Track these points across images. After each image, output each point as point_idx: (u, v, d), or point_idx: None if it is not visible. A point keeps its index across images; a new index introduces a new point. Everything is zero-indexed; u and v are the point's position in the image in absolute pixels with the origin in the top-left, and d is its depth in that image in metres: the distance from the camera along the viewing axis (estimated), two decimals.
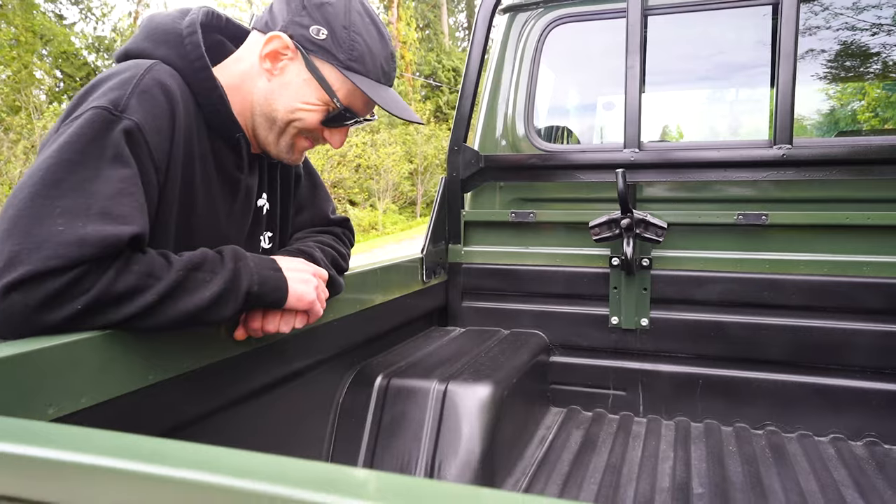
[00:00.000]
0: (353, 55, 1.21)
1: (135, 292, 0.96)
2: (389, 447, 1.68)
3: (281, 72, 1.21)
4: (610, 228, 2.13)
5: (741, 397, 2.12)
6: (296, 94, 1.22)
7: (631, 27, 2.13)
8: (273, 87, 1.22)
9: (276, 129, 1.25)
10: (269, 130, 1.26)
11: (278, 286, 1.16)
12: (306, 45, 1.20)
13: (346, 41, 1.20)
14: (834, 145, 2.07)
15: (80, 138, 0.98)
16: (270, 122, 1.25)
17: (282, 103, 1.23)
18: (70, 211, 0.93)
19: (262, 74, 1.22)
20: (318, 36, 1.19)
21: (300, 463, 0.50)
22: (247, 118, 1.26)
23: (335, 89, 1.22)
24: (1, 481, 0.54)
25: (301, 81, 1.22)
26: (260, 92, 1.23)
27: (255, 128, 1.27)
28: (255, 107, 1.24)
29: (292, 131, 1.26)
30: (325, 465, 0.50)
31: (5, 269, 0.88)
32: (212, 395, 1.26)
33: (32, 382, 0.87)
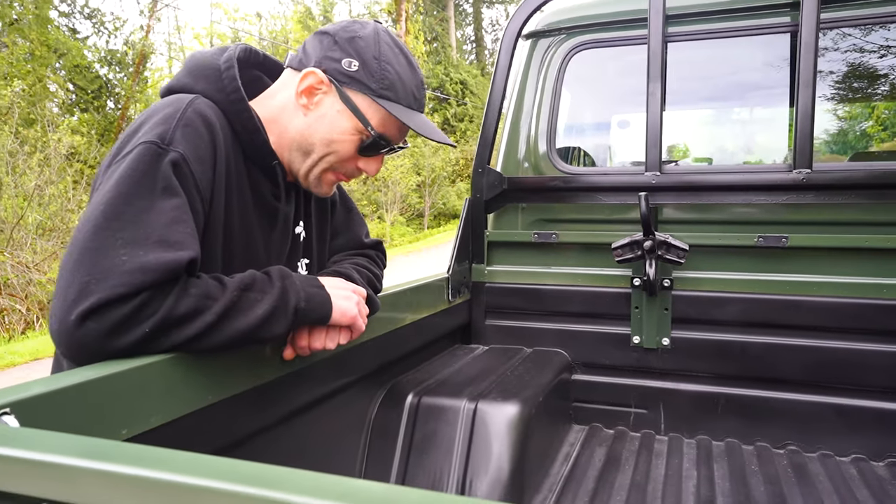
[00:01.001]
0: (385, 84, 1.26)
1: (195, 314, 1.02)
2: (421, 464, 1.73)
3: (316, 106, 1.27)
4: (632, 250, 2.18)
5: (762, 416, 2.16)
6: (331, 126, 1.28)
7: (652, 54, 2.18)
8: (309, 122, 1.28)
9: (311, 161, 1.31)
10: (303, 163, 1.31)
11: (323, 302, 1.22)
12: (339, 78, 1.26)
13: (377, 71, 1.26)
14: (853, 169, 2.11)
15: (134, 172, 1.04)
16: (306, 155, 1.30)
17: (318, 136, 1.28)
18: (131, 241, 0.99)
19: (298, 110, 1.28)
20: (350, 68, 1.25)
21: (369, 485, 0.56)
22: (283, 150, 1.32)
23: (368, 117, 1.27)
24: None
25: (335, 113, 1.27)
26: (297, 127, 1.29)
27: (290, 161, 1.32)
28: (292, 141, 1.30)
29: (325, 165, 1.31)
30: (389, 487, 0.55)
31: (78, 300, 0.94)
32: (259, 415, 1.32)
33: (108, 405, 0.93)
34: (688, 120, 3.06)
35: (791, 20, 2.17)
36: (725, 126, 3.01)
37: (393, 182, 20.43)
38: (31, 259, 10.62)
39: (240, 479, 0.56)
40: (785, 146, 2.64)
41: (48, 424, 0.83)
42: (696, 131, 3.14)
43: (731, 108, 2.91)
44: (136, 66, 22.49)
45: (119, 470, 0.60)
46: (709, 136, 3.12)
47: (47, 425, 0.83)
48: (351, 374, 1.67)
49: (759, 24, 2.22)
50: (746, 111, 2.91)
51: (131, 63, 22.64)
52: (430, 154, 23.10)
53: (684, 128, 3.06)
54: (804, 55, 2.02)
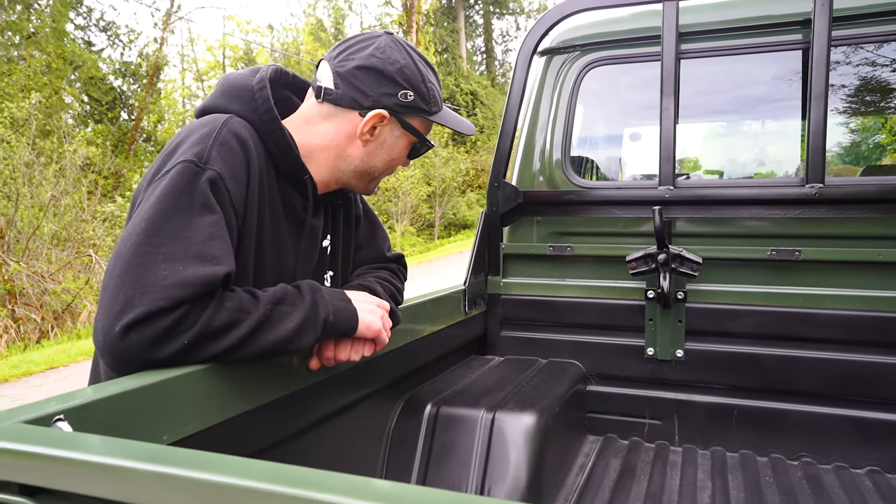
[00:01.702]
0: (432, 100, 1.39)
1: (230, 326, 1.07)
2: (440, 473, 1.76)
3: (376, 137, 1.37)
4: (646, 263, 2.21)
5: (776, 428, 2.18)
6: (391, 150, 1.41)
7: (666, 70, 2.23)
8: (370, 151, 1.39)
9: (371, 177, 1.44)
10: (364, 180, 1.44)
11: (350, 316, 1.27)
12: (398, 110, 1.35)
13: (427, 93, 1.37)
14: (865, 184, 2.14)
15: (173, 190, 1.10)
16: (368, 175, 1.43)
17: (380, 160, 1.41)
18: (171, 256, 1.04)
19: (356, 141, 1.37)
20: (407, 99, 1.35)
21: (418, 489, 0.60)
22: (329, 171, 1.40)
23: (423, 132, 1.42)
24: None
25: (395, 139, 1.40)
26: (357, 156, 1.39)
27: (342, 180, 1.42)
28: (348, 166, 1.39)
29: (384, 176, 1.47)
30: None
31: (122, 313, 0.99)
32: (285, 424, 1.36)
33: (150, 412, 0.97)
34: (699, 133, 3.09)
35: (802, 37, 2.21)
36: (736, 139, 3.04)
37: (403, 192, 20.54)
38: (46, 269, 10.75)
39: (284, 481, 0.60)
40: (794, 158, 2.67)
41: (96, 430, 0.87)
42: (707, 145, 3.18)
43: (741, 123, 2.94)
44: (150, 78, 22.78)
45: (172, 472, 0.64)
46: (719, 150, 3.15)
47: (96, 431, 0.88)
48: (372, 384, 1.71)
49: (770, 41, 2.26)
50: (757, 125, 2.94)
51: (145, 75, 22.94)
52: (440, 164, 23.20)
53: (696, 141, 3.09)
54: (816, 71, 2.06)
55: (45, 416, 0.81)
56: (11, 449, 0.71)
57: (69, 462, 0.68)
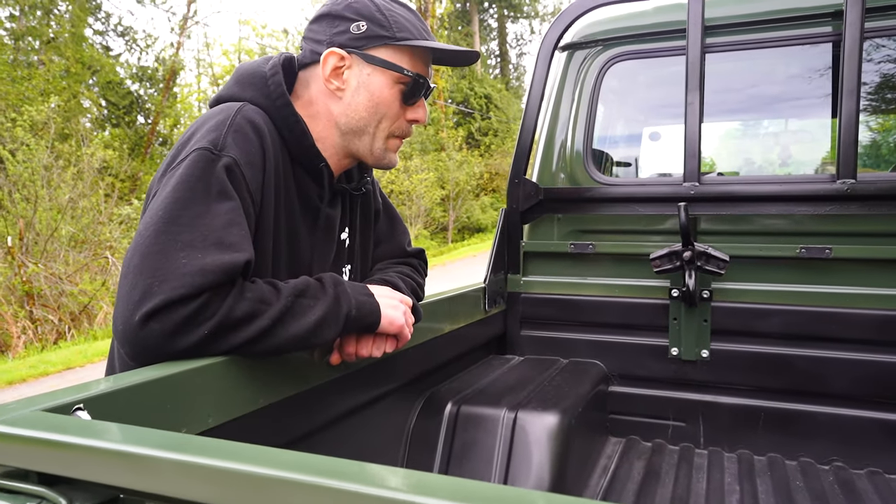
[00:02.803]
0: (398, 26, 1.28)
1: (251, 317, 1.04)
2: (461, 472, 1.72)
3: (346, 83, 1.29)
4: (671, 260, 2.16)
5: (806, 431, 2.12)
6: (369, 92, 1.29)
7: (691, 65, 2.18)
8: (347, 101, 1.30)
9: (369, 136, 1.32)
10: (362, 141, 1.33)
11: (373, 311, 1.23)
12: (355, 45, 1.27)
13: (385, 20, 1.28)
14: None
15: (189, 178, 1.07)
16: (361, 133, 1.32)
17: (362, 108, 1.30)
18: (189, 244, 1.01)
19: (332, 96, 1.30)
20: (360, 30, 1.27)
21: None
22: (333, 145, 1.34)
23: (399, 64, 1.29)
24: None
25: (367, 77, 1.28)
26: (338, 112, 1.31)
27: (347, 148, 1.34)
28: (340, 129, 1.32)
29: (383, 133, 1.33)
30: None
31: (142, 301, 0.96)
32: (305, 419, 1.33)
33: (169, 404, 0.94)
34: (722, 132, 3.03)
35: (833, 30, 2.16)
36: (759, 138, 2.98)
37: (417, 196, 20.54)
38: (64, 270, 10.84)
39: (308, 471, 0.57)
40: (821, 157, 2.61)
41: (115, 420, 0.85)
42: (730, 144, 3.12)
43: (767, 119, 2.88)
44: (166, 82, 22.99)
45: (193, 460, 0.61)
46: (742, 149, 3.09)
47: (114, 421, 0.85)
48: (392, 381, 1.68)
49: (799, 34, 2.20)
50: (782, 122, 2.88)
51: (161, 79, 23.15)
52: (454, 168, 23.19)
53: (719, 140, 3.03)
54: (848, 64, 2.00)
55: (65, 405, 0.79)
56: (30, 437, 0.68)
57: (89, 450, 0.66)
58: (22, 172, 11.05)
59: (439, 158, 23.86)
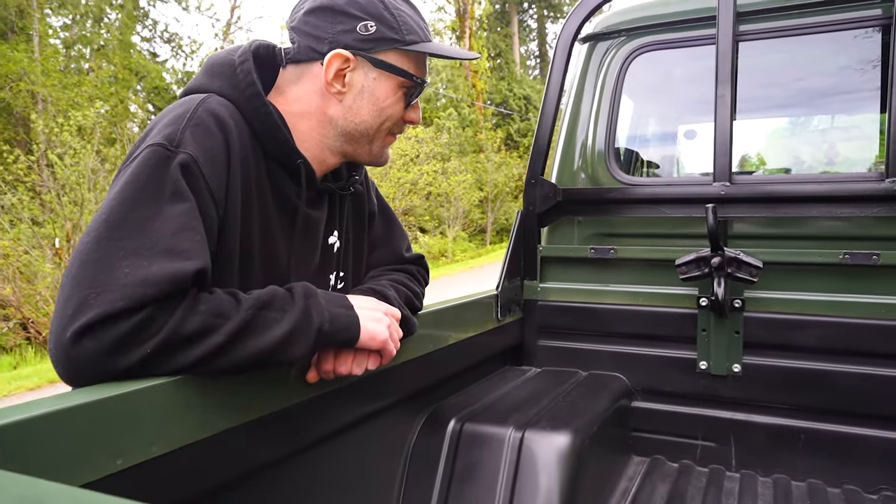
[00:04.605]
0: (406, 28, 1.19)
1: (204, 333, 0.93)
2: (462, 497, 1.59)
3: (349, 86, 1.19)
4: (699, 267, 1.99)
5: (851, 456, 1.92)
6: (374, 96, 1.21)
7: (721, 54, 2.01)
8: (349, 104, 1.21)
9: (368, 137, 1.25)
10: (361, 143, 1.26)
11: (350, 324, 1.11)
12: (363, 47, 1.17)
13: (394, 20, 1.18)
14: None
15: (139, 177, 0.97)
16: (362, 136, 1.24)
17: (366, 112, 1.22)
18: (134, 251, 0.91)
19: (329, 98, 1.20)
20: (369, 31, 1.17)
21: None
22: (321, 144, 1.24)
23: (406, 69, 1.21)
24: None
25: (372, 82, 1.20)
26: (336, 115, 1.22)
27: (341, 149, 1.26)
28: (337, 131, 1.23)
29: (384, 133, 1.26)
30: None
31: (76, 315, 0.86)
32: (284, 441, 1.22)
33: (100, 433, 0.84)
34: (757, 130, 2.83)
35: (883, 12, 1.95)
36: (803, 135, 2.77)
37: (455, 197, 20.45)
38: None
39: None
40: (870, 157, 2.39)
41: (29, 455, 0.75)
42: (770, 141, 2.91)
43: (810, 115, 2.67)
44: None
45: None
46: (784, 146, 2.88)
47: (25, 457, 0.75)
48: (388, 396, 1.56)
49: (843, 18, 2.01)
50: (827, 117, 2.67)
51: None
52: (493, 170, 23.06)
53: (754, 138, 2.83)
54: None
55: None
56: None
57: None
58: (69, 176, 11.36)
59: (478, 160, 23.74)
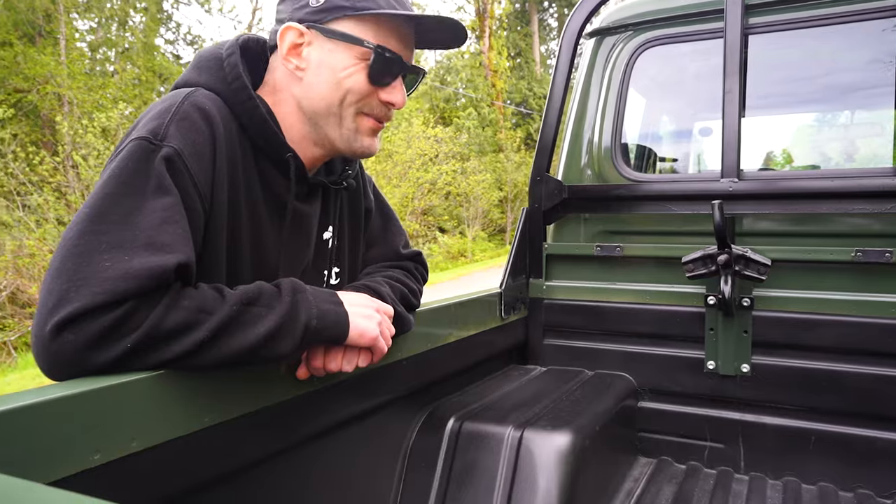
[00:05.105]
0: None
1: (186, 329, 0.92)
2: (459, 498, 1.58)
3: (307, 61, 1.17)
4: (705, 265, 1.95)
5: (864, 459, 1.87)
6: (331, 69, 1.16)
7: (729, 48, 1.97)
8: (308, 80, 1.18)
9: (335, 116, 1.19)
10: (329, 124, 1.20)
11: (338, 321, 1.10)
12: (314, 18, 1.16)
13: None
14: None
15: (123, 171, 0.97)
16: (327, 115, 1.19)
17: (324, 86, 1.17)
18: (116, 245, 0.91)
19: (293, 77, 1.19)
20: (318, 3, 1.15)
21: None
22: (300, 133, 1.22)
23: (362, 36, 1.15)
24: None
25: (328, 53, 1.16)
26: (300, 94, 1.19)
27: (315, 135, 1.22)
28: (305, 113, 1.20)
29: (352, 110, 1.19)
30: None
31: (55, 308, 0.86)
32: (274, 437, 1.22)
33: (77, 427, 0.84)
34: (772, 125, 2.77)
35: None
36: (822, 132, 2.70)
37: (475, 197, 20.40)
38: None
39: None
40: (886, 153, 2.33)
41: (7, 447, 0.75)
42: (782, 137, 2.85)
43: (822, 110, 2.61)
44: None
45: None
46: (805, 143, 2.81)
47: (6, 448, 0.75)
48: (385, 394, 1.55)
49: (855, 9, 1.95)
50: (840, 113, 2.60)
51: None
52: (512, 169, 22.96)
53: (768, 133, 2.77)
54: None
55: None
56: None
57: None
58: (93, 177, 11.55)
59: (497, 160, 23.66)
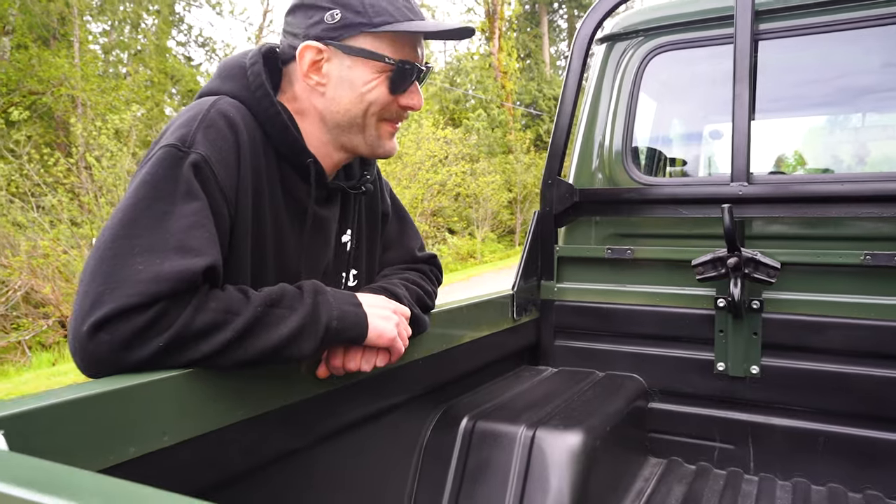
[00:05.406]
0: (374, 11, 1.18)
1: (213, 329, 0.97)
2: (473, 495, 1.61)
3: (327, 76, 1.21)
4: (715, 267, 1.98)
5: (872, 460, 1.88)
6: (352, 84, 1.21)
7: (739, 53, 1.99)
8: (331, 95, 1.22)
9: (358, 126, 1.24)
10: (352, 133, 1.25)
11: (358, 322, 1.14)
12: (331, 35, 1.19)
13: (360, 4, 1.18)
14: None
15: (153, 177, 1.02)
16: (350, 126, 1.24)
17: (347, 100, 1.22)
18: (148, 249, 0.95)
19: (314, 92, 1.23)
20: (334, 19, 1.18)
21: None
22: (321, 141, 1.26)
23: (381, 52, 1.20)
24: None
25: (347, 69, 1.20)
26: (322, 108, 1.23)
27: (338, 142, 1.27)
28: (327, 125, 1.25)
29: (373, 120, 1.24)
30: None
31: (92, 310, 0.91)
32: (295, 435, 1.26)
33: (114, 422, 0.88)
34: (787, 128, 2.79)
35: None
36: (833, 135, 2.72)
37: (484, 198, 20.42)
38: None
39: None
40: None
41: (44, 441, 0.80)
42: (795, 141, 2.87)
43: (838, 115, 2.62)
44: None
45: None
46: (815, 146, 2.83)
47: (43, 442, 0.80)
48: (400, 393, 1.59)
49: (864, 15, 1.97)
50: (856, 115, 2.62)
51: None
52: (522, 171, 22.96)
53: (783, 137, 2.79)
54: None
55: None
56: None
57: None
58: (106, 178, 11.65)
59: (507, 161, 23.67)
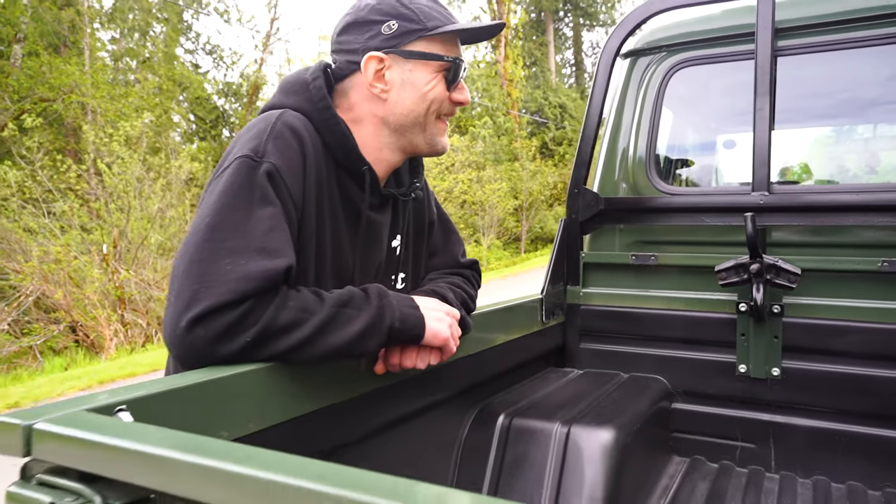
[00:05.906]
0: (425, 16, 1.30)
1: (294, 326, 1.06)
2: (512, 487, 1.70)
3: (390, 83, 1.31)
4: (738, 273, 2.06)
5: (892, 459, 1.96)
6: (414, 85, 1.31)
7: (760, 69, 2.08)
8: (394, 99, 1.32)
9: (420, 125, 1.35)
10: (414, 132, 1.35)
11: (417, 323, 1.24)
12: (391, 44, 1.29)
13: (412, 13, 1.29)
14: None
15: (232, 186, 1.11)
16: (413, 125, 1.34)
17: (411, 101, 1.32)
18: (234, 251, 1.05)
19: (375, 100, 1.32)
20: (392, 29, 1.29)
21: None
22: (379, 147, 1.36)
23: (438, 52, 1.31)
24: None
25: (410, 74, 1.31)
26: (385, 113, 1.33)
27: (398, 143, 1.36)
28: (390, 128, 1.34)
29: (432, 118, 1.35)
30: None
31: (188, 307, 1.00)
32: (351, 427, 1.34)
33: (211, 408, 0.98)
34: (801, 140, 2.88)
35: None
36: (843, 146, 2.81)
37: (490, 206, 20.52)
38: (152, 277, 11.47)
39: (338, 483, 0.57)
40: None
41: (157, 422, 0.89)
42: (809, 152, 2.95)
43: (850, 127, 2.71)
44: (250, 97, 24.01)
45: (221, 466, 0.62)
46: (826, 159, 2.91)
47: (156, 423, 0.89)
48: (442, 391, 1.67)
49: (882, 33, 2.07)
50: (868, 127, 2.70)
51: (245, 94, 24.21)
52: (527, 178, 23.06)
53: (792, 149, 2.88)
54: None
55: (108, 406, 0.83)
56: (72, 436, 0.72)
57: (124, 452, 0.69)
58: (117, 184, 11.78)
59: (513, 168, 23.78)
